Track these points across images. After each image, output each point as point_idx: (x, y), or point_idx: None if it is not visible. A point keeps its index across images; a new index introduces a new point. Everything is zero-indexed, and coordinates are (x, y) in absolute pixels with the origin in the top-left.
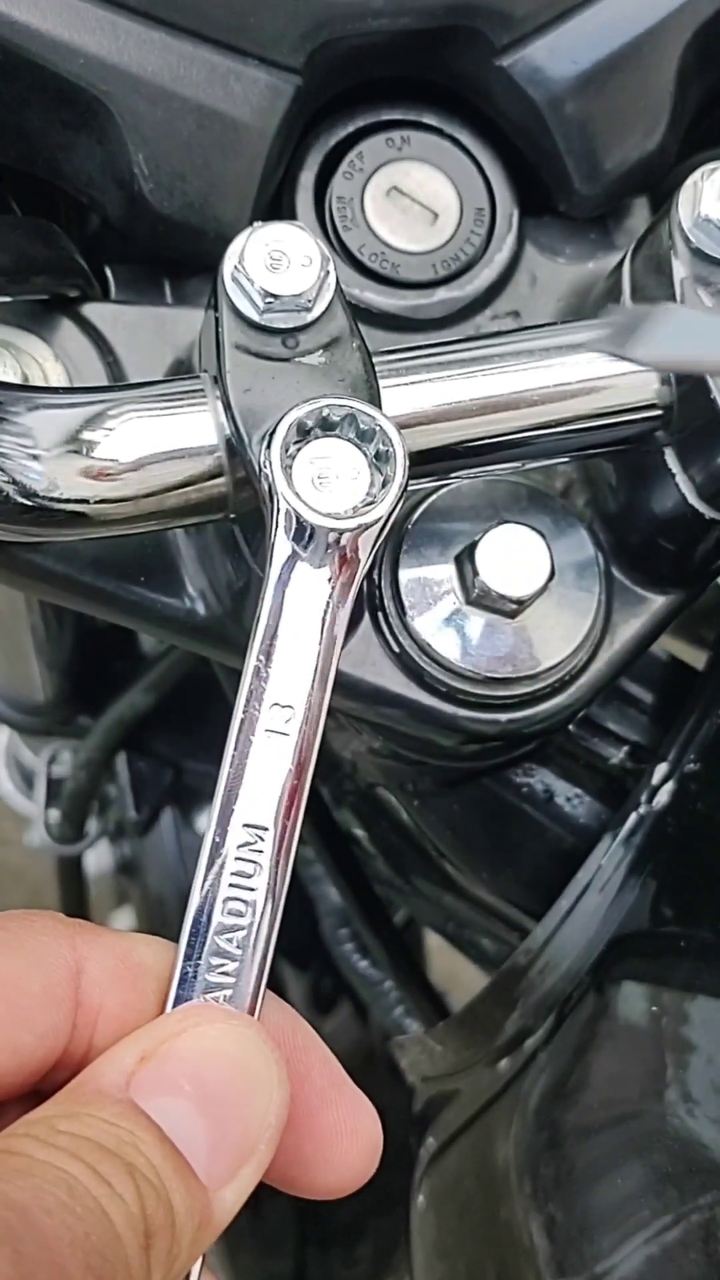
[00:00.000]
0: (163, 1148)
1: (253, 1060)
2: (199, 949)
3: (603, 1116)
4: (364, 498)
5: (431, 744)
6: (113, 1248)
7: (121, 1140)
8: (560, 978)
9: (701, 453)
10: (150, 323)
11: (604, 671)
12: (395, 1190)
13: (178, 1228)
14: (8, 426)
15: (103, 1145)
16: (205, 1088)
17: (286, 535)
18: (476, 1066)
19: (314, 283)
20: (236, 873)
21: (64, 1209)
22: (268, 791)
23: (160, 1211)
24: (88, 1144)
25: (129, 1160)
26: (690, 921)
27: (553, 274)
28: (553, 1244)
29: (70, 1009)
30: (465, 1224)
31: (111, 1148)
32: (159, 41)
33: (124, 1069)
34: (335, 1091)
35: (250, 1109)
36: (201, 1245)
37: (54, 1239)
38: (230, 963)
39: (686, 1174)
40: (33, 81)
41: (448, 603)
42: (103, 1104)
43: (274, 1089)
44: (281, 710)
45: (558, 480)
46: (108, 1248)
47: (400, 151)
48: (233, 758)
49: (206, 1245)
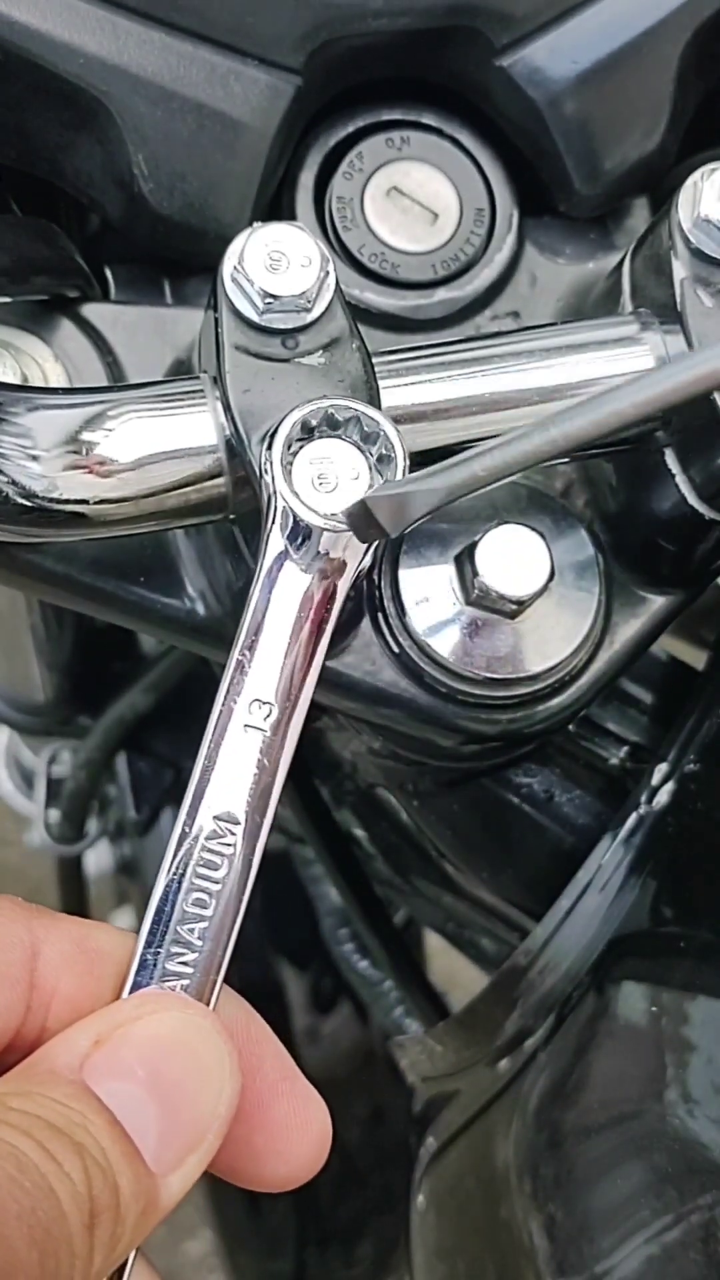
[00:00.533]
0: (112, 1130)
1: (206, 1050)
2: (160, 937)
3: (603, 1116)
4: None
5: (431, 744)
6: (58, 1225)
7: (72, 1121)
8: (560, 978)
9: (701, 453)
10: (150, 323)
11: (604, 672)
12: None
13: (123, 1210)
14: (7, 427)
15: (53, 1124)
16: (158, 1074)
17: (281, 533)
18: (477, 1066)
19: (314, 283)
20: (204, 864)
21: (12, 1183)
22: (240, 785)
23: (106, 1193)
24: (38, 1122)
25: (78, 1140)
26: (690, 921)
27: (552, 274)
28: (553, 1244)
29: (25, 990)
30: (465, 1224)
31: (61, 1127)
32: (159, 41)
33: (78, 1051)
34: (287, 1084)
35: (201, 1098)
36: (145, 1230)
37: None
38: (190, 953)
39: (686, 1174)
40: (33, 81)
41: (448, 603)
42: (55, 1084)
43: (225, 1080)
44: (261, 706)
45: (557, 480)
46: (53, 1224)
47: (400, 152)
48: (207, 749)
49: (149, 1230)
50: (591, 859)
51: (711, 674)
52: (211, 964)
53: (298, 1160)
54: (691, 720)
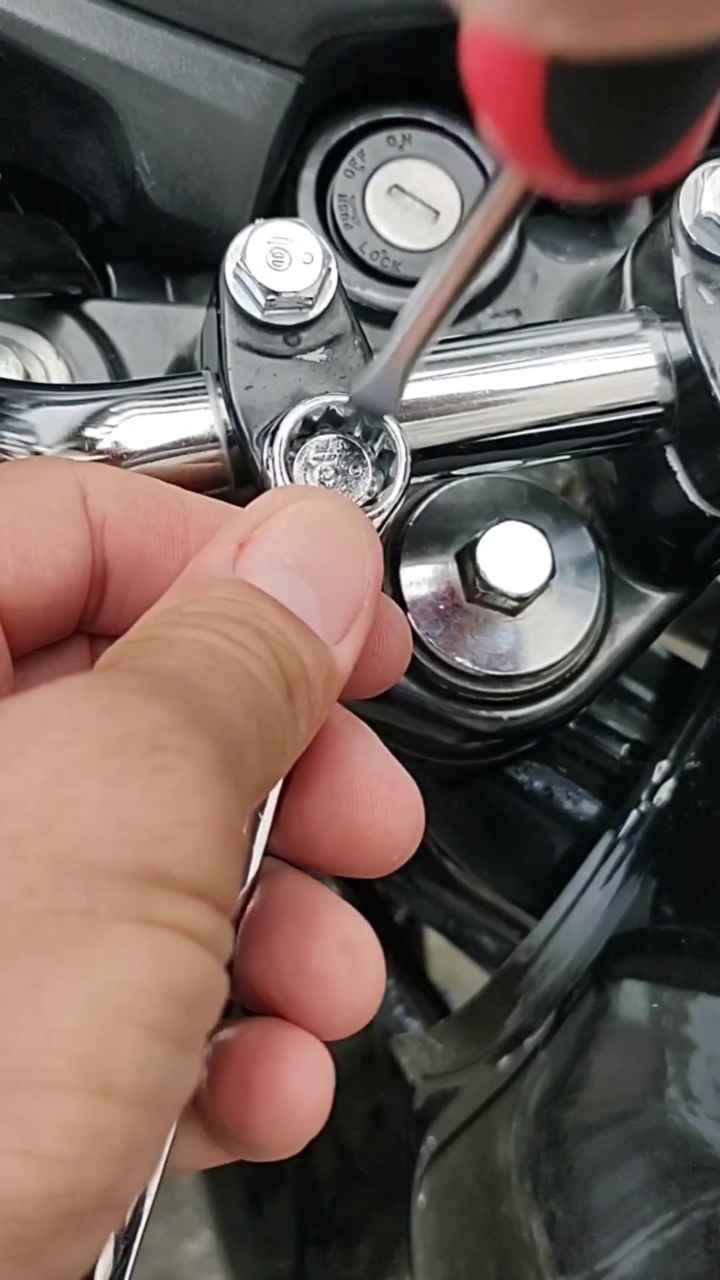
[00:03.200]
0: (282, 613)
1: (342, 527)
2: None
3: (603, 1114)
4: (366, 495)
5: (432, 741)
6: (264, 699)
7: (245, 611)
8: (561, 975)
9: (702, 450)
10: (152, 320)
11: (604, 669)
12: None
13: (311, 679)
14: (10, 423)
15: (230, 617)
16: (305, 557)
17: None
18: (477, 1064)
19: (315, 280)
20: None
21: (213, 671)
22: None
23: (294, 666)
24: (217, 618)
25: (257, 626)
26: (690, 919)
27: (554, 272)
28: (553, 1242)
29: (87, 525)
30: (466, 1222)
31: (238, 618)
32: (161, 40)
33: (226, 556)
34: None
35: (349, 570)
36: (332, 695)
37: (212, 694)
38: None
39: (687, 1171)
40: (35, 79)
41: (449, 600)
42: (218, 586)
43: (366, 550)
44: None
45: (559, 478)
46: (260, 698)
47: (401, 150)
48: None
49: (335, 696)
50: (592, 857)
51: (712, 672)
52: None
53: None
54: (692, 718)
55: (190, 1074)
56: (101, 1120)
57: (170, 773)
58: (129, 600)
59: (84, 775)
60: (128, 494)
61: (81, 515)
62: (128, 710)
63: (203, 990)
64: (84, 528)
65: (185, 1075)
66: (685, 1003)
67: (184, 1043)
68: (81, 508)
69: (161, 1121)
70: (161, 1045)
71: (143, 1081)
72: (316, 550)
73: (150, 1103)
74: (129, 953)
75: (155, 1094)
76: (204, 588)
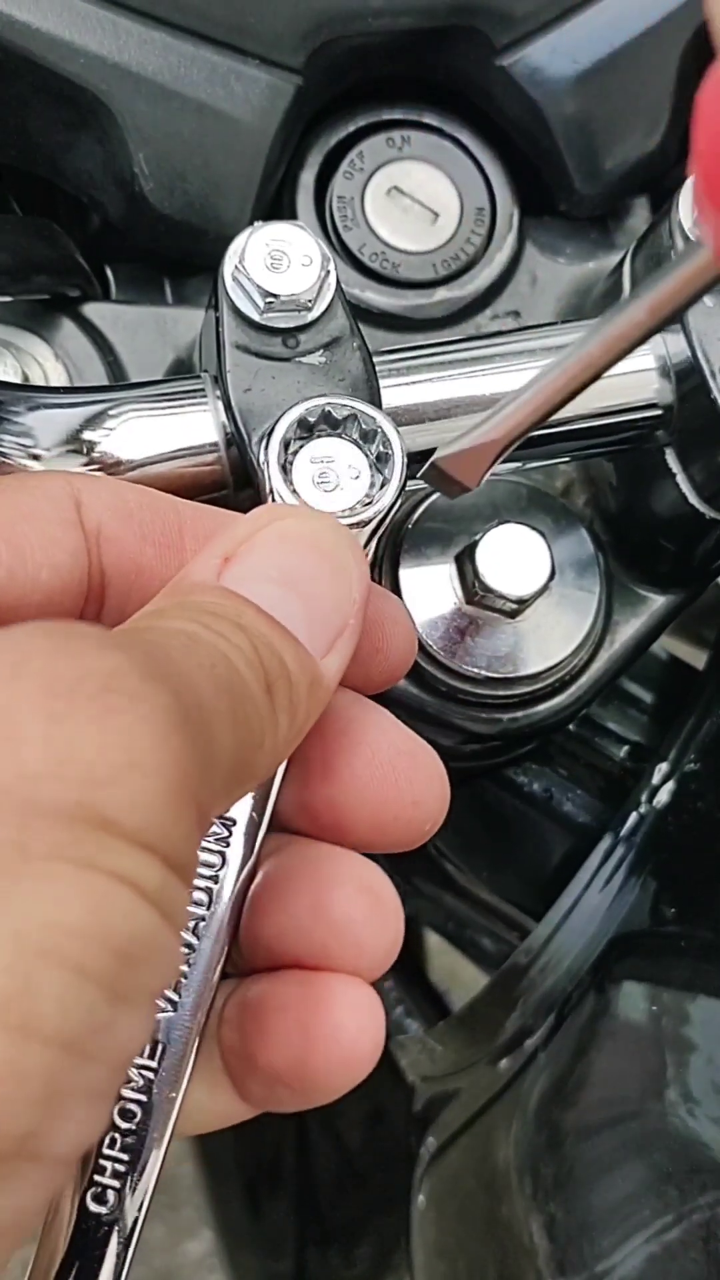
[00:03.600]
0: (266, 619)
1: (329, 545)
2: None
3: (603, 1116)
4: (363, 497)
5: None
6: (239, 681)
7: (227, 609)
8: (560, 977)
9: (702, 452)
10: (151, 322)
11: (604, 671)
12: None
13: (294, 681)
14: (8, 426)
15: (212, 612)
16: (291, 571)
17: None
18: (477, 1066)
19: (314, 282)
20: (202, 863)
21: (186, 649)
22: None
23: (275, 663)
24: (199, 612)
25: (238, 622)
26: (690, 921)
27: (553, 274)
28: (553, 1243)
29: (80, 533)
30: (465, 1223)
31: (219, 614)
32: (159, 41)
33: (212, 569)
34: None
35: (335, 587)
36: (317, 704)
37: (181, 662)
38: (189, 951)
39: (687, 1173)
40: (33, 81)
41: (448, 602)
42: (203, 591)
43: (352, 568)
44: None
45: (558, 480)
46: (234, 679)
47: (401, 151)
48: None
49: (320, 707)
50: (591, 858)
51: (712, 673)
52: (211, 962)
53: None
54: (692, 720)
55: (130, 1029)
56: (17, 1058)
57: (118, 715)
58: (129, 609)
59: (28, 711)
60: (122, 504)
61: (76, 522)
62: (81, 653)
63: (142, 944)
64: (79, 534)
65: (122, 1028)
66: (685, 1004)
67: (118, 994)
68: (76, 515)
69: (92, 1070)
70: (90, 990)
71: (66, 1023)
72: (302, 566)
73: (75, 1047)
74: (60, 891)
75: (81, 1039)
76: (189, 591)
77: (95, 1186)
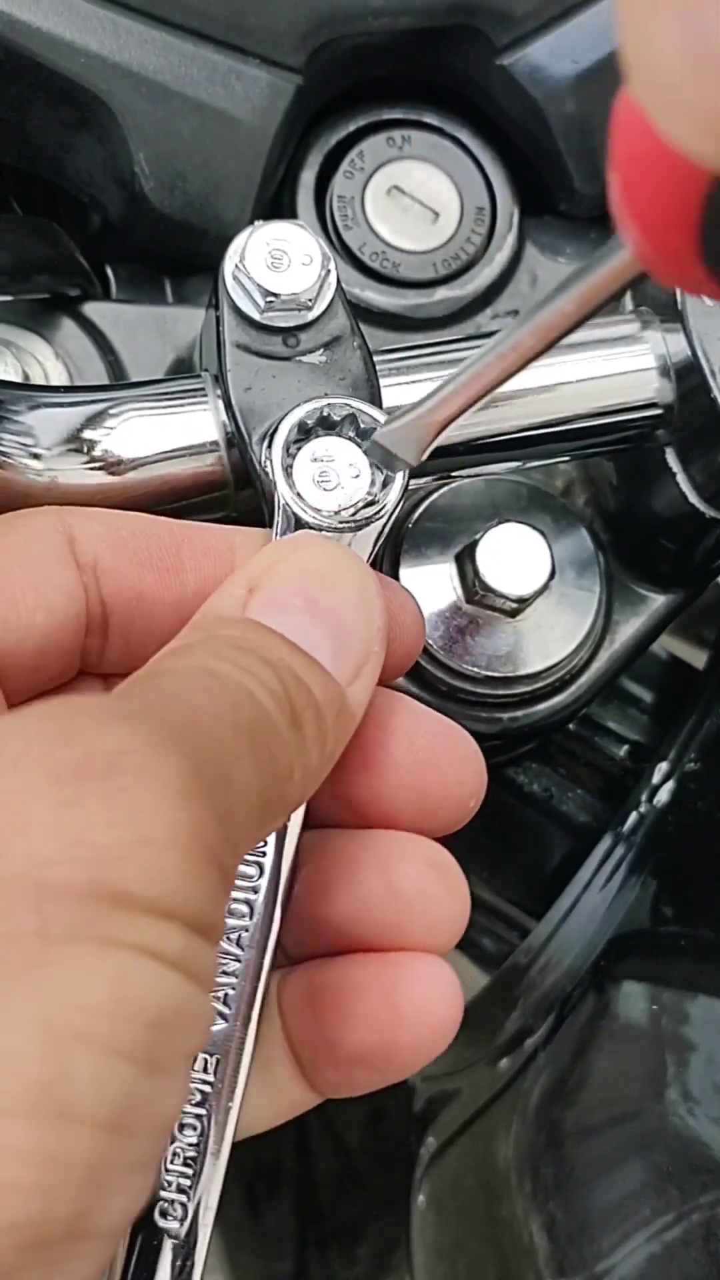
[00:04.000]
0: (292, 648)
1: (351, 574)
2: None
3: (603, 1115)
4: (364, 497)
5: None
6: (263, 718)
7: (254, 643)
8: (560, 977)
9: (702, 452)
10: (151, 322)
11: (604, 670)
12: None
13: (322, 711)
14: (9, 425)
15: (238, 646)
16: (315, 601)
17: (283, 532)
18: (477, 1066)
19: (315, 282)
20: (240, 875)
21: (207, 690)
22: None
23: (302, 695)
24: (225, 647)
25: (264, 656)
26: (690, 920)
27: (553, 273)
28: (553, 1243)
29: (75, 569)
30: (465, 1223)
31: (246, 648)
32: (160, 41)
33: (236, 600)
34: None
35: (359, 615)
36: (345, 731)
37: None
38: (234, 962)
39: (687, 1173)
40: (34, 80)
41: (448, 601)
42: (228, 625)
43: (374, 597)
44: None
45: (558, 479)
46: (257, 717)
47: (401, 151)
48: None
49: (348, 733)
50: (592, 858)
51: (712, 673)
52: (256, 970)
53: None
54: (692, 719)
55: (169, 1097)
56: (58, 1145)
57: (126, 793)
58: (134, 637)
59: (35, 800)
60: (115, 533)
61: (69, 559)
62: (83, 735)
63: (172, 1011)
64: (73, 571)
65: (160, 1097)
66: (685, 1004)
67: (153, 1064)
68: (69, 552)
69: (134, 1144)
70: (123, 1066)
71: (102, 1104)
72: (326, 595)
73: (116, 1126)
74: (84, 973)
75: (120, 1117)
76: (213, 626)
77: (161, 1202)
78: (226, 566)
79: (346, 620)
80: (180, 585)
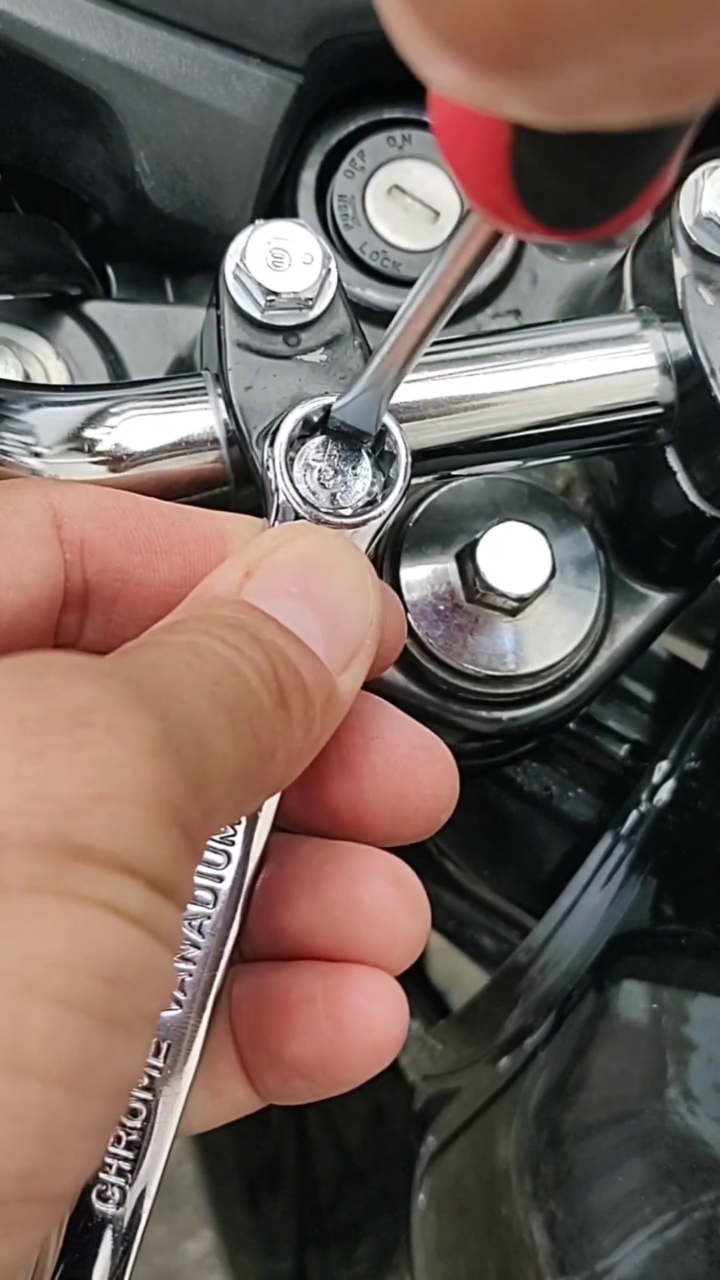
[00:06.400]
0: (284, 632)
1: (347, 563)
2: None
3: (603, 1114)
4: (366, 496)
5: None
6: (247, 694)
7: (245, 623)
8: (561, 976)
9: (702, 451)
10: (152, 321)
11: (605, 669)
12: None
13: (310, 693)
14: (10, 424)
15: (229, 624)
16: (310, 589)
17: None
18: (477, 1065)
19: (315, 280)
20: (205, 862)
21: (188, 665)
22: None
23: (290, 676)
24: (216, 624)
25: (255, 635)
26: (691, 919)
27: (553, 272)
28: (553, 1242)
29: (57, 547)
30: (466, 1222)
31: (237, 626)
32: (161, 40)
33: (232, 582)
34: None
35: (353, 606)
36: (332, 718)
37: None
38: (194, 949)
39: (688, 1171)
40: (35, 80)
41: (448, 600)
42: (222, 605)
43: (369, 589)
44: None
45: (559, 478)
46: (241, 693)
47: (401, 150)
48: None
49: (336, 721)
50: (592, 857)
51: (712, 672)
52: (215, 959)
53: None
54: (692, 718)
55: (127, 1056)
56: (10, 1097)
57: (92, 748)
58: (115, 616)
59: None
60: (104, 512)
61: (50, 537)
62: (51, 690)
63: (133, 968)
64: (52, 550)
65: (117, 1056)
66: (685, 1003)
67: (112, 1020)
68: (51, 530)
69: (90, 1104)
70: (81, 1021)
71: (57, 1058)
72: (322, 584)
73: (72, 1082)
74: (41, 925)
75: (77, 1073)
76: (207, 604)
77: (100, 1184)
78: (218, 552)
79: (341, 610)
80: (168, 568)
